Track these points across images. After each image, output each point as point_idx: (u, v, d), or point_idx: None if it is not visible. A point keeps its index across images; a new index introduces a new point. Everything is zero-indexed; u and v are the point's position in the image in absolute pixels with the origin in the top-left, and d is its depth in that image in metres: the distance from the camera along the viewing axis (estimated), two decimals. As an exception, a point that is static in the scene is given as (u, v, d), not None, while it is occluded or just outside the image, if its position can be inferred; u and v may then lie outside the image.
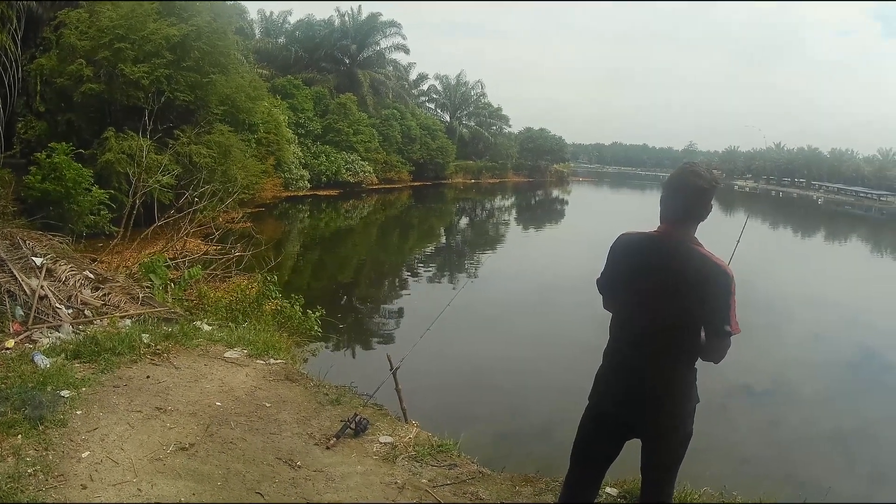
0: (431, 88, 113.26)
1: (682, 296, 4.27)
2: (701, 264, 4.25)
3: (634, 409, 4.50)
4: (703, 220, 4.41)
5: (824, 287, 34.59)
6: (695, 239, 4.37)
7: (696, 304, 4.27)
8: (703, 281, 4.22)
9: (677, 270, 4.28)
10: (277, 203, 50.42)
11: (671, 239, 4.36)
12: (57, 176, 22.42)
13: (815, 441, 14.53)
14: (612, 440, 4.69)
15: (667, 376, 4.46)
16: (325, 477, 6.29)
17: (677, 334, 4.39)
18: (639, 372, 4.45)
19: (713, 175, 4.38)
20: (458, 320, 10.00)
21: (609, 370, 4.66)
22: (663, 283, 4.30)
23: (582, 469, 4.82)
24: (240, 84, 35.84)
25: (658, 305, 4.33)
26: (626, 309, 4.58)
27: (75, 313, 11.06)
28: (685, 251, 4.30)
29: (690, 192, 4.31)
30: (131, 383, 7.91)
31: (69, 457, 5.97)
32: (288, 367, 9.56)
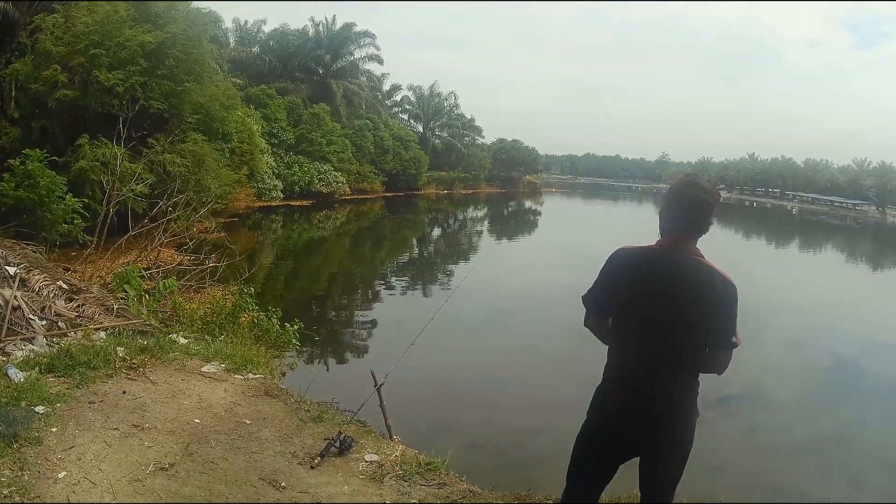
0: (405, 99, 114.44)
1: (691, 310, 4.19)
2: (709, 277, 4.19)
3: (638, 427, 4.40)
4: (705, 233, 4.32)
5: (799, 295, 34.82)
6: (698, 251, 4.29)
7: (705, 317, 4.21)
8: (712, 294, 4.17)
9: (685, 284, 4.19)
10: (250, 213, 50.52)
11: (675, 253, 4.27)
12: (31, 183, 22.25)
13: (789, 447, 14.66)
14: (611, 459, 4.60)
15: (672, 393, 4.39)
16: (311, 498, 6.14)
17: (685, 349, 4.30)
18: (644, 390, 4.34)
19: (715, 188, 4.31)
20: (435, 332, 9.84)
21: (611, 388, 4.53)
22: (671, 297, 4.20)
23: (579, 488, 4.71)
24: (214, 93, 36.05)
25: (665, 321, 4.23)
26: (629, 326, 4.44)
27: (49, 325, 10.85)
28: (691, 264, 4.23)
29: (693, 205, 4.23)
30: (107, 399, 7.72)
31: (45, 477, 5.78)
32: (267, 382, 9.42)
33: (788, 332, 25.40)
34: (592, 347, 4.60)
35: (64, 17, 28.86)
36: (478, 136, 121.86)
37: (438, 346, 16.68)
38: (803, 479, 12.62)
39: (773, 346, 22.68)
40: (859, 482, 13.09)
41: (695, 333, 4.26)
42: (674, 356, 4.30)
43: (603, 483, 4.70)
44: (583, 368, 4.63)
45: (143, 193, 25.11)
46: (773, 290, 34.97)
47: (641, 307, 4.32)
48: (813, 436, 15.45)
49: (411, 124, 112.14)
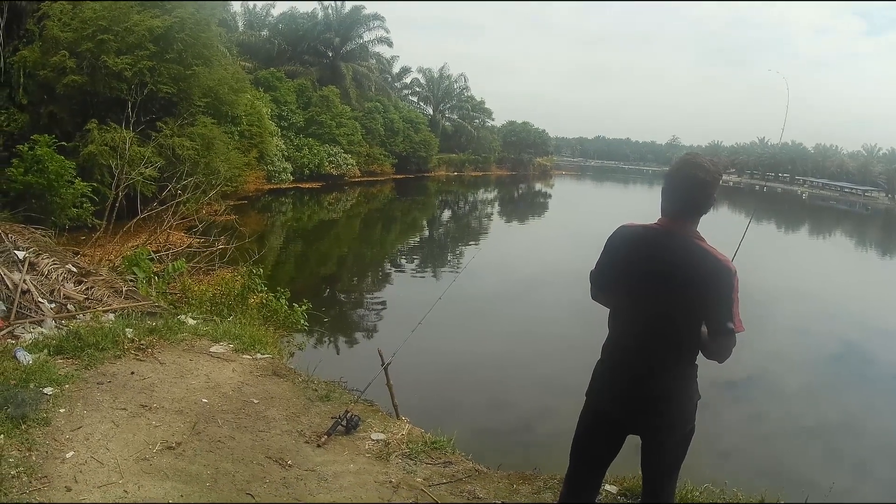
0: (414, 81, 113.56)
1: (682, 291, 4.20)
2: (702, 259, 4.19)
3: (634, 407, 4.43)
4: (706, 213, 4.31)
5: (807, 281, 34.67)
6: (696, 233, 4.28)
7: (697, 299, 4.20)
8: (704, 276, 4.17)
9: (678, 265, 4.20)
10: (260, 196, 50.37)
11: (672, 233, 4.27)
12: (40, 168, 22.19)
13: (796, 434, 14.57)
14: (612, 438, 4.61)
15: (666, 373, 4.39)
16: (317, 476, 6.16)
17: (677, 330, 4.31)
18: (638, 369, 4.37)
19: (717, 167, 4.31)
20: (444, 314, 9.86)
21: (607, 367, 4.58)
22: (663, 277, 4.22)
23: (582, 467, 4.74)
24: (223, 76, 35.85)
25: (658, 300, 4.26)
26: (624, 303, 4.49)
27: (58, 308, 10.90)
28: (686, 245, 4.23)
29: (693, 185, 4.22)
30: (115, 379, 7.75)
31: (53, 457, 5.81)
32: (275, 362, 9.45)
33: (796, 318, 25.36)
34: (600, 330, 4.60)
35: (71, 4, 28.74)
36: (488, 119, 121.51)
37: (446, 328, 16.68)
38: (809, 466, 12.58)
39: (781, 332, 22.63)
40: (865, 469, 13.06)
41: (685, 313, 4.27)
42: (667, 337, 4.32)
43: (606, 461, 4.72)
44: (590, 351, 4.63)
45: (153, 177, 25.03)
46: (782, 275, 34.91)
47: (633, 284, 4.35)
48: (819, 422, 15.40)
49: (421, 107, 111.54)
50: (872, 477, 12.75)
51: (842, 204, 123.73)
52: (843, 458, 13.58)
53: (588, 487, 4.79)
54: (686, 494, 6.20)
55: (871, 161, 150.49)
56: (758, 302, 26.64)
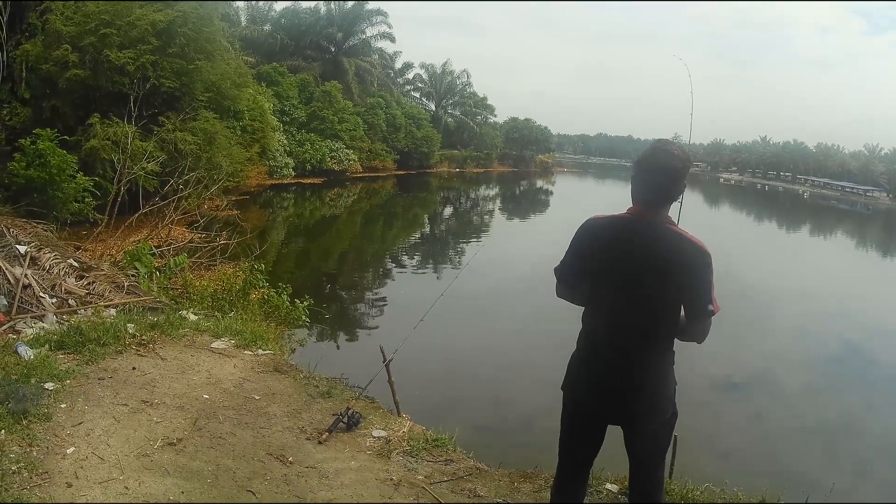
0: (417, 77, 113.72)
1: (662, 278, 4.19)
2: (678, 244, 4.19)
3: (612, 397, 4.43)
4: (677, 199, 4.35)
5: (808, 281, 34.65)
6: (669, 218, 4.29)
7: (677, 285, 4.20)
8: (683, 261, 4.18)
9: (655, 252, 4.18)
10: (262, 191, 50.45)
11: (646, 220, 4.25)
12: (41, 162, 22.19)
13: (796, 434, 14.57)
14: (593, 431, 4.65)
15: (647, 363, 4.38)
16: (318, 473, 6.15)
17: (657, 318, 4.31)
18: (617, 361, 4.36)
19: (686, 154, 4.30)
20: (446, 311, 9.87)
21: (584, 358, 4.56)
22: (641, 266, 4.21)
23: (570, 465, 4.78)
24: (225, 71, 35.91)
25: (636, 289, 4.24)
26: (601, 294, 4.45)
27: (59, 303, 10.91)
28: (661, 232, 4.22)
29: (663, 172, 4.23)
30: (116, 375, 7.75)
31: (54, 453, 5.79)
32: (276, 358, 9.45)
33: (797, 318, 25.35)
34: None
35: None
36: (490, 115, 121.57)
37: (448, 325, 16.71)
38: (810, 467, 12.58)
39: (782, 332, 22.73)
40: (865, 470, 13.08)
41: (666, 301, 4.26)
42: (646, 325, 4.31)
43: (591, 456, 4.74)
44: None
45: (155, 171, 25.10)
46: (783, 275, 35.01)
47: (612, 276, 4.33)
48: (820, 423, 15.43)
49: (423, 102, 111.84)
50: (873, 477, 12.77)
51: (843, 203, 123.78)
52: (843, 458, 13.60)
53: (577, 485, 4.82)
54: (686, 494, 6.20)
55: (872, 161, 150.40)
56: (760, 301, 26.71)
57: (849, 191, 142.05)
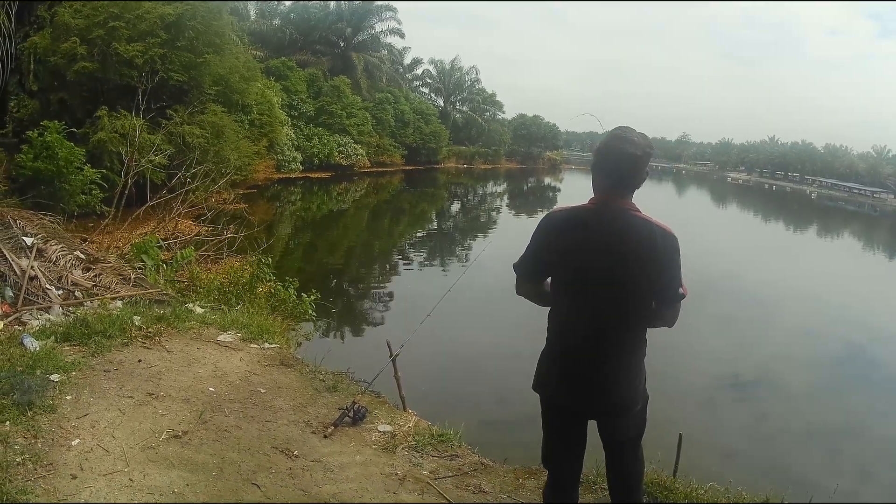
0: (426, 73, 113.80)
1: (634, 267, 4.19)
2: (648, 231, 4.20)
3: (594, 394, 4.45)
4: (638, 187, 4.33)
5: (814, 282, 34.58)
6: (633, 205, 4.29)
7: (649, 273, 4.22)
8: (654, 248, 4.18)
9: (626, 241, 4.18)
10: (269, 185, 50.54)
11: (612, 209, 4.26)
12: (49, 155, 22.23)
13: (800, 436, 14.54)
14: (578, 428, 4.66)
15: (623, 353, 4.42)
16: (323, 467, 6.14)
17: (632, 307, 4.32)
18: (594, 355, 4.37)
19: (647, 141, 4.31)
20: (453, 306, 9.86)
21: (559, 357, 4.55)
22: (613, 256, 4.19)
23: (560, 465, 4.80)
24: (234, 65, 36.03)
25: (609, 281, 4.23)
26: (572, 289, 4.43)
27: (65, 294, 10.90)
28: (629, 220, 4.22)
29: (624, 160, 4.21)
30: (122, 367, 7.76)
31: (59, 445, 5.80)
32: (283, 351, 9.45)
33: (803, 319, 25.29)
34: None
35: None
36: (498, 112, 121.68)
37: (455, 320, 16.69)
38: (813, 469, 12.56)
39: (787, 333, 22.68)
40: (867, 473, 13.06)
41: (639, 290, 4.27)
42: (621, 315, 4.32)
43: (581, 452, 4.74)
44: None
45: (162, 164, 25.13)
46: (790, 276, 34.93)
47: (583, 268, 4.29)
48: (824, 425, 15.39)
49: (432, 98, 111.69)
50: (875, 478, 12.75)
51: (850, 205, 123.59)
52: (846, 460, 13.58)
53: (572, 487, 4.85)
54: (691, 493, 6.19)
55: (880, 163, 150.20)
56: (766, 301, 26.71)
57: (856, 192, 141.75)
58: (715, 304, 23.93)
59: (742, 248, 46.47)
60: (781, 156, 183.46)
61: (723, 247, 44.35)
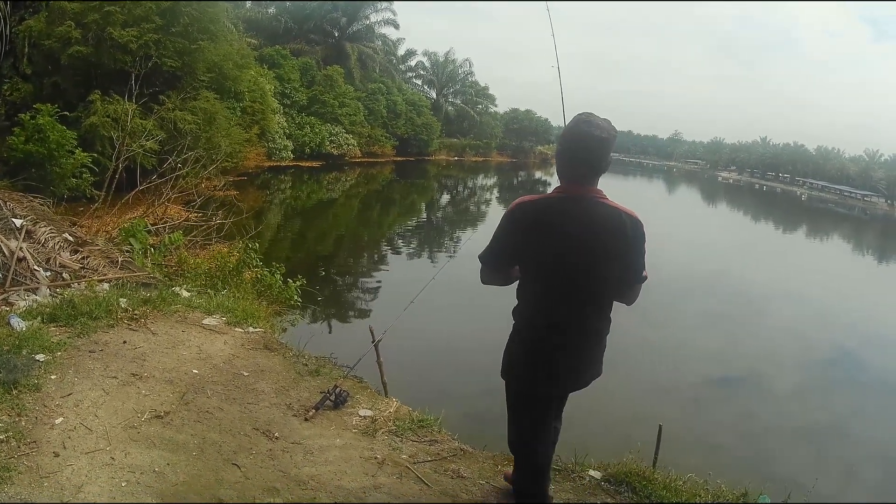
0: (419, 65, 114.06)
1: (605, 252, 4.36)
2: (618, 218, 4.36)
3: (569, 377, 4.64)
4: (604, 172, 4.41)
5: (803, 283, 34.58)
6: (600, 192, 4.41)
7: (619, 257, 4.40)
8: (624, 234, 4.36)
9: (597, 228, 4.33)
10: (260, 172, 50.48)
11: (580, 198, 4.37)
12: (41, 137, 22.19)
13: (785, 434, 14.57)
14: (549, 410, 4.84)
15: (596, 335, 4.60)
16: (303, 449, 6.20)
17: (604, 290, 4.50)
18: (570, 339, 4.51)
19: (610, 125, 4.39)
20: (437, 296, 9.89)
21: (533, 344, 4.63)
22: (585, 244, 4.33)
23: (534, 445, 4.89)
24: (228, 52, 35.98)
25: (582, 267, 4.37)
26: (544, 278, 4.52)
27: (53, 276, 10.95)
28: (599, 208, 4.38)
29: (590, 144, 4.30)
30: (107, 348, 7.80)
31: (42, 423, 5.86)
32: (267, 336, 9.49)
33: (791, 319, 25.35)
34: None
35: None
36: (491, 105, 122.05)
37: (439, 310, 16.71)
38: (797, 468, 12.60)
39: (775, 332, 22.72)
40: (852, 474, 13.12)
41: (609, 273, 4.44)
42: (593, 298, 4.48)
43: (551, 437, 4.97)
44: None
45: (153, 150, 25.13)
46: (778, 276, 35.01)
47: (556, 257, 4.39)
48: (809, 425, 15.44)
49: (425, 90, 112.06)
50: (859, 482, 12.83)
51: (840, 207, 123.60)
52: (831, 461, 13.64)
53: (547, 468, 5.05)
54: (669, 484, 6.23)
55: (872, 166, 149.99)
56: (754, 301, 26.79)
57: (847, 195, 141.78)
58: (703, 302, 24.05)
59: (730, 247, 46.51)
60: (773, 156, 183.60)
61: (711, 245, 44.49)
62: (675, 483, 6.31)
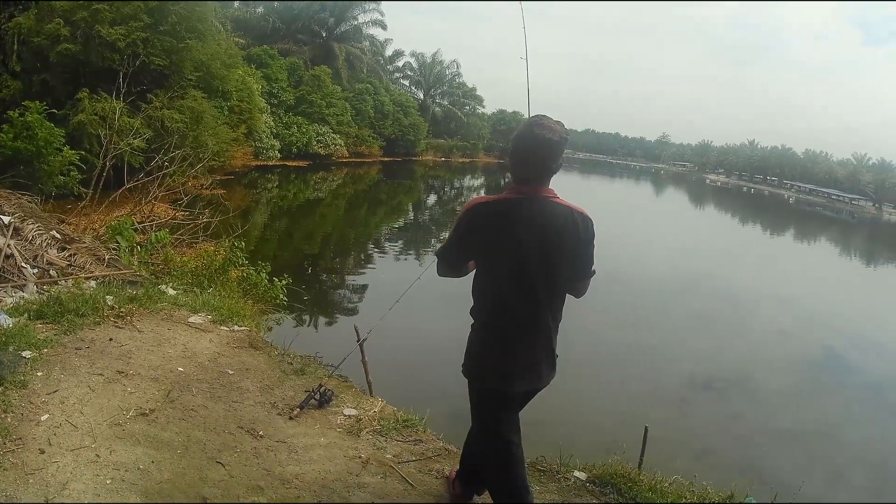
0: (406, 65, 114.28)
1: (560, 250, 4.47)
2: (569, 216, 4.47)
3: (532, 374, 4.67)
4: (556, 172, 4.53)
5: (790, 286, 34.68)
6: (552, 192, 4.51)
7: (572, 254, 4.52)
8: (576, 232, 4.48)
9: (551, 227, 4.44)
10: (247, 172, 50.52)
11: (534, 198, 4.46)
12: (29, 135, 22.17)
13: (773, 437, 14.60)
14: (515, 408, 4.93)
15: (551, 331, 4.65)
16: (287, 448, 6.20)
17: (559, 287, 4.61)
18: (530, 336, 4.58)
19: (562, 126, 4.45)
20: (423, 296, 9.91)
21: (494, 342, 4.70)
22: (541, 243, 4.43)
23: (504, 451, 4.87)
24: (215, 51, 36.14)
25: (539, 266, 4.46)
26: (501, 278, 4.58)
27: (40, 273, 10.95)
28: (552, 208, 4.49)
29: (542, 146, 4.40)
30: (94, 345, 7.81)
31: (28, 419, 5.87)
32: (252, 334, 9.48)
33: (778, 322, 25.42)
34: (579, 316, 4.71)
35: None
36: (478, 106, 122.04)
37: (425, 310, 16.73)
38: (785, 471, 12.64)
39: (763, 335, 22.79)
40: (839, 476, 13.17)
41: (563, 270, 4.55)
42: (549, 296, 4.56)
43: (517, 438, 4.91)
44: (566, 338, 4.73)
45: (141, 148, 25.14)
46: (765, 280, 35.06)
47: (513, 256, 4.46)
48: (796, 427, 15.49)
49: (412, 91, 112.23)
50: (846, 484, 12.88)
51: (828, 210, 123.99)
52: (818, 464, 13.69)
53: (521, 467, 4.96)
54: (655, 486, 6.25)
55: (860, 170, 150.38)
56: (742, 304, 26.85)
57: (835, 198, 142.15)
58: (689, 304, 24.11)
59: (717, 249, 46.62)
60: (761, 159, 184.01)
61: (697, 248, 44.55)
62: (661, 485, 6.32)
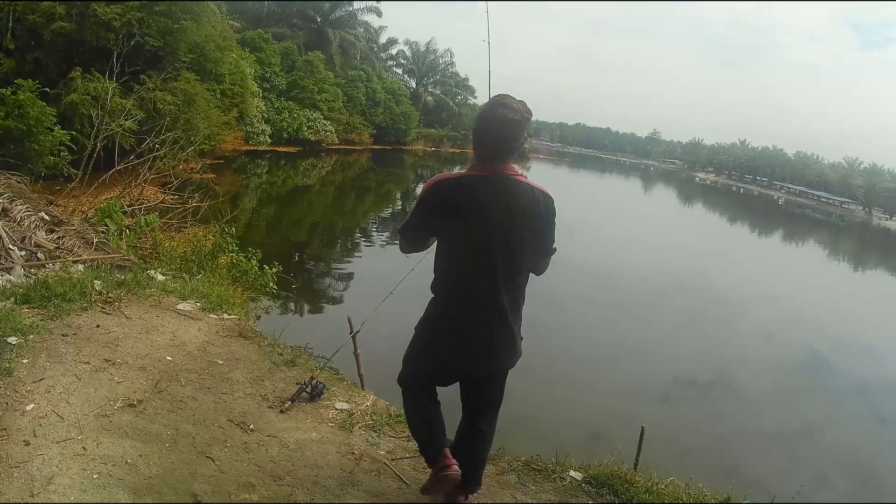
0: (400, 53, 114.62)
1: (523, 228, 4.58)
2: (532, 194, 4.62)
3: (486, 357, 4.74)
4: (518, 152, 4.63)
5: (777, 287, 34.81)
6: (515, 170, 4.68)
7: (534, 232, 4.66)
8: (538, 210, 4.63)
9: (515, 205, 4.55)
10: (237, 156, 50.65)
11: (497, 176, 4.60)
12: (20, 113, 22.01)
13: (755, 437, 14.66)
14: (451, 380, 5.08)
15: (515, 311, 4.74)
16: (278, 443, 6.09)
17: (522, 265, 4.71)
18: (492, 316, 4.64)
19: (525, 106, 4.58)
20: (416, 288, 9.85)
21: (453, 321, 4.75)
22: (504, 219, 4.53)
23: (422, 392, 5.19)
24: (210, 33, 36.16)
25: (502, 243, 4.56)
26: (464, 254, 4.68)
27: (28, 255, 10.83)
28: (515, 185, 4.60)
29: (505, 124, 4.51)
30: (80, 332, 7.69)
31: (13, 409, 5.74)
32: (242, 323, 9.38)
33: (763, 323, 25.53)
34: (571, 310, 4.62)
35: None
36: (470, 97, 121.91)
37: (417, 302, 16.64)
38: (767, 472, 12.63)
39: (748, 336, 22.83)
40: (821, 478, 13.18)
41: (526, 248, 4.66)
42: (513, 274, 4.64)
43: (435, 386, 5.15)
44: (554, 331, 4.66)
45: (132, 129, 25.03)
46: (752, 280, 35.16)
47: (477, 233, 4.55)
48: (779, 428, 15.53)
49: (404, 79, 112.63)
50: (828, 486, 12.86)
51: (818, 213, 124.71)
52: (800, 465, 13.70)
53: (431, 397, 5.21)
54: (651, 487, 6.21)
55: (850, 173, 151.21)
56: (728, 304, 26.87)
57: (825, 201, 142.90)
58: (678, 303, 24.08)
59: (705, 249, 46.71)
60: (751, 159, 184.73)
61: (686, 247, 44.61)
62: (657, 486, 6.29)
